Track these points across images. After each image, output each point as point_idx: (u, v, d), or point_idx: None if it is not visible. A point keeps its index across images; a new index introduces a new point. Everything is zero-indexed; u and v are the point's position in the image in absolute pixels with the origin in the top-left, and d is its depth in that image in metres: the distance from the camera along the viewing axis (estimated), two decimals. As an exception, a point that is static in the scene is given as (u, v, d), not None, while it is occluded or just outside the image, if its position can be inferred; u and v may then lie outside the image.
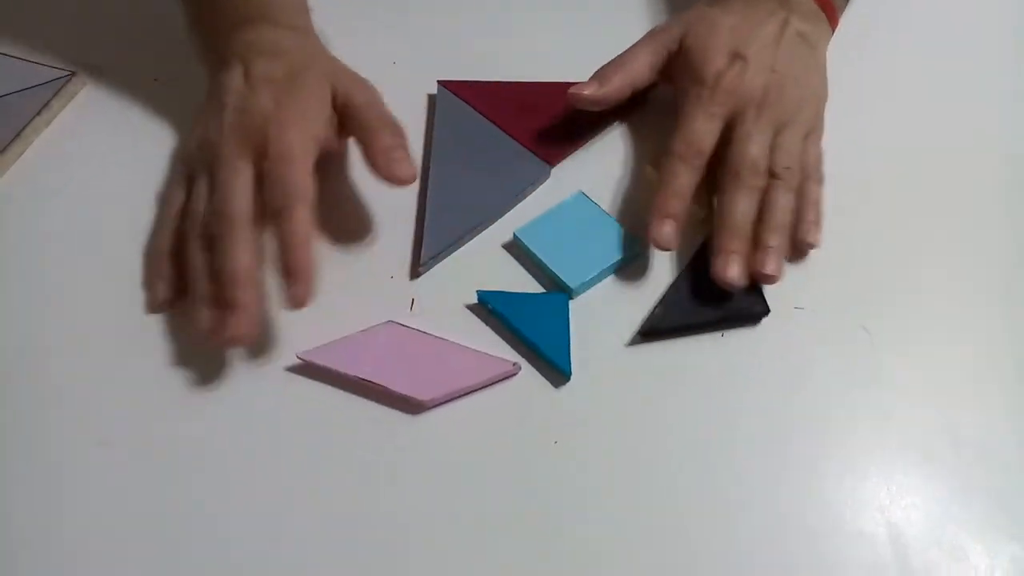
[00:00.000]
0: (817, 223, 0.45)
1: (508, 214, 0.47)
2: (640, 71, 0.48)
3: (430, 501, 0.38)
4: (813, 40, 0.48)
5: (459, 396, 0.41)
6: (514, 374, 0.41)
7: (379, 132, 0.43)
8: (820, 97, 0.48)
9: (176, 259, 0.43)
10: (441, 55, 0.53)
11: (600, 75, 0.47)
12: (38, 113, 0.50)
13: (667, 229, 0.43)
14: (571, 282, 0.43)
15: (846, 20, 0.51)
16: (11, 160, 0.49)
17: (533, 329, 0.42)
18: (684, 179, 0.44)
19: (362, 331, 0.42)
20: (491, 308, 0.43)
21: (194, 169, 0.44)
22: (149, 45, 0.54)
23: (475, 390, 0.41)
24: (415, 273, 0.45)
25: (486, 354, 0.41)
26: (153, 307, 0.43)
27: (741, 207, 0.43)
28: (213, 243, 0.41)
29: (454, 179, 0.47)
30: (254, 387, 0.41)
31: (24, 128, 0.49)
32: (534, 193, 0.48)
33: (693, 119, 0.45)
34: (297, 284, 0.40)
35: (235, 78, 0.44)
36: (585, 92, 0.47)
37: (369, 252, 0.45)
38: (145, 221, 0.46)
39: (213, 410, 0.41)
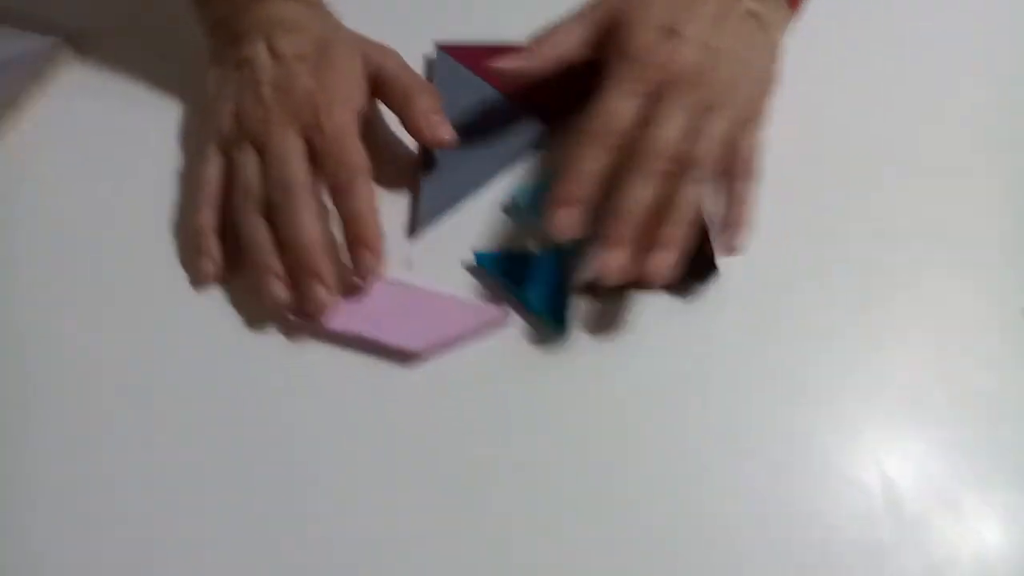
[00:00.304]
0: (739, 224, 0.41)
1: (507, 175, 0.47)
2: (570, 44, 0.44)
3: (425, 453, 0.39)
4: (767, 21, 0.44)
5: (452, 347, 0.41)
6: (504, 321, 0.42)
7: (417, 97, 0.44)
8: (764, 82, 0.44)
9: (223, 235, 0.43)
10: (435, 17, 0.52)
11: (529, 47, 0.44)
12: (30, 81, 0.49)
13: (563, 218, 0.39)
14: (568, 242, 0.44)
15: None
16: (3, 131, 0.48)
17: (530, 288, 0.42)
18: (591, 162, 0.40)
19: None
20: (487, 268, 0.43)
21: (232, 144, 0.43)
22: (142, 8, 0.53)
23: (468, 340, 0.41)
24: (413, 233, 0.45)
25: (475, 302, 0.42)
26: (199, 283, 0.43)
27: (637, 193, 0.39)
28: (276, 215, 0.41)
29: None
30: (247, 346, 0.42)
31: (17, 97, 0.49)
32: (533, 155, 0.48)
33: (609, 96, 0.41)
34: (369, 255, 0.41)
35: (260, 53, 0.44)
36: (509, 66, 0.44)
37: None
38: (144, 188, 0.46)
39: (204, 369, 0.41)
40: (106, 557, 0.37)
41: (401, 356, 0.41)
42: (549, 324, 0.42)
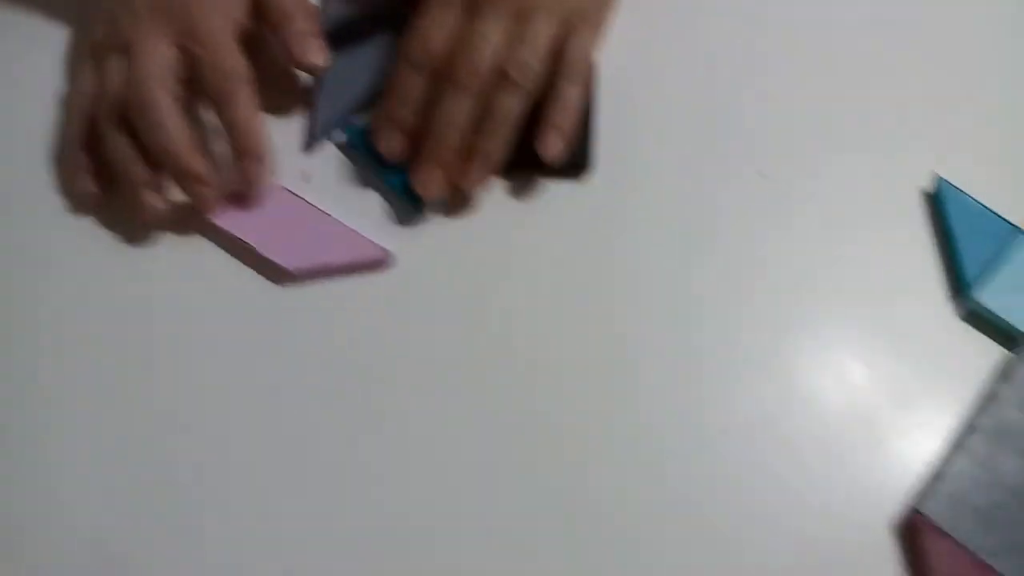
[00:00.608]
0: (562, 130, 0.40)
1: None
2: None
3: (283, 371, 0.39)
4: None
5: (329, 275, 0.41)
6: (384, 263, 0.41)
7: (294, 17, 0.43)
8: None
9: (92, 148, 0.41)
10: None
11: None
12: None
13: (385, 140, 0.41)
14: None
15: None
16: None
17: (390, 165, 0.42)
18: (409, 85, 0.40)
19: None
20: (353, 141, 0.43)
21: (103, 54, 0.42)
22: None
23: (345, 273, 0.41)
24: (309, 147, 0.44)
25: (362, 235, 0.41)
26: (83, 203, 0.42)
27: (451, 112, 0.39)
28: (138, 120, 0.40)
29: (349, 49, 0.45)
30: (138, 240, 0.42)
31: None
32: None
33: (426, 13, 0.41)
34: (255, 164, 0.40)
35: None
36: None
37: (270, 119, 0.44)
38: (29, 117, 0.45)
39: (83, 280, 0.41)
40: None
41: (276, 271, 0.40)
42: (405, 201, 0.42)
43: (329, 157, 0.44)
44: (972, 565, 0.35)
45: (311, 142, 0.44)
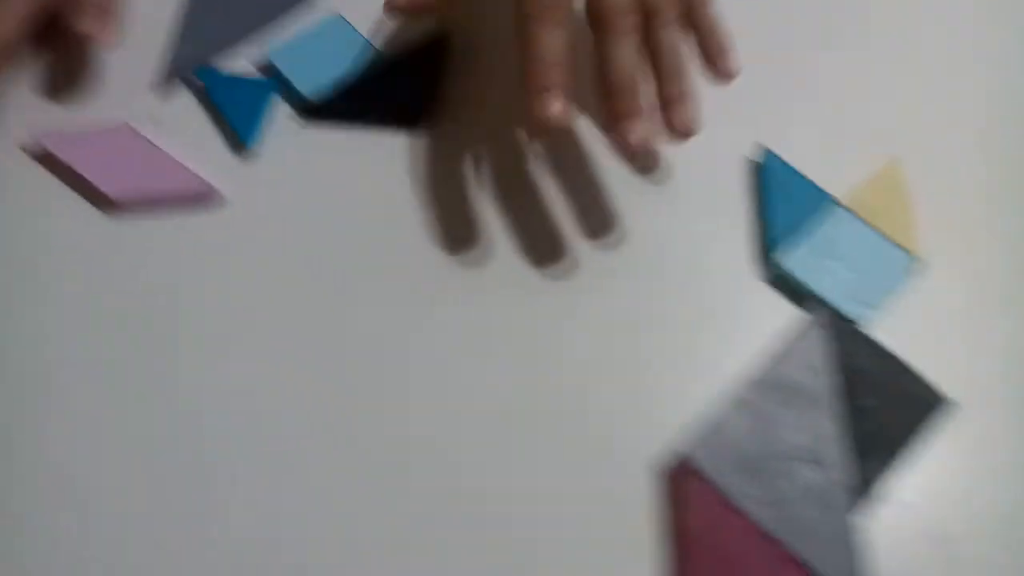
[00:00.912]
0: (724, 51, 0.39)
1: (273, 29, 0.47)
2: None
3: (103, 300, 0.40)
4: None
5: (156, 206, 0.42)
6: (210, 198, 0.42)
7: None
8: None
9: None
10: None
11: None
12: None
13: (549, 106, 0.36)
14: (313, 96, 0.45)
15: None
16: None
17: (234, 104, 0.44)
18: (549, 40, 0.36)
19: (97, 129, 0.43)
20: (204, 81, 0.45)
21: None
22: None
23: (169, 205, 0.42)
24: (160, 86, 0.45)
25: (188, 169, 0.43)
26: None
27: (620, 57, 0.37)
28: None
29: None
30: None
31: None
32: (299, 17, 0.47)
33: None
34: None
35: None
36: None
37: (122, 57, 0.45)
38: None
39: None
40: None
41: (105, 201, 0.42)
42: (239, 136, 0.43)
43: (181, 101, 0.45)
44: (728, 512, 0.35)
45: (163, 81, 0.45)
